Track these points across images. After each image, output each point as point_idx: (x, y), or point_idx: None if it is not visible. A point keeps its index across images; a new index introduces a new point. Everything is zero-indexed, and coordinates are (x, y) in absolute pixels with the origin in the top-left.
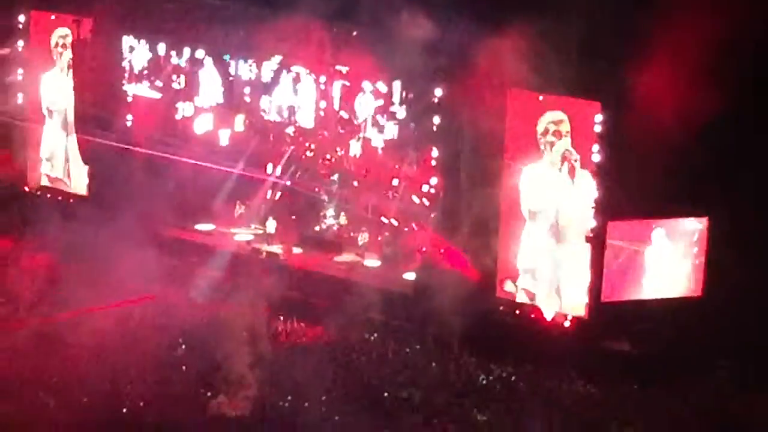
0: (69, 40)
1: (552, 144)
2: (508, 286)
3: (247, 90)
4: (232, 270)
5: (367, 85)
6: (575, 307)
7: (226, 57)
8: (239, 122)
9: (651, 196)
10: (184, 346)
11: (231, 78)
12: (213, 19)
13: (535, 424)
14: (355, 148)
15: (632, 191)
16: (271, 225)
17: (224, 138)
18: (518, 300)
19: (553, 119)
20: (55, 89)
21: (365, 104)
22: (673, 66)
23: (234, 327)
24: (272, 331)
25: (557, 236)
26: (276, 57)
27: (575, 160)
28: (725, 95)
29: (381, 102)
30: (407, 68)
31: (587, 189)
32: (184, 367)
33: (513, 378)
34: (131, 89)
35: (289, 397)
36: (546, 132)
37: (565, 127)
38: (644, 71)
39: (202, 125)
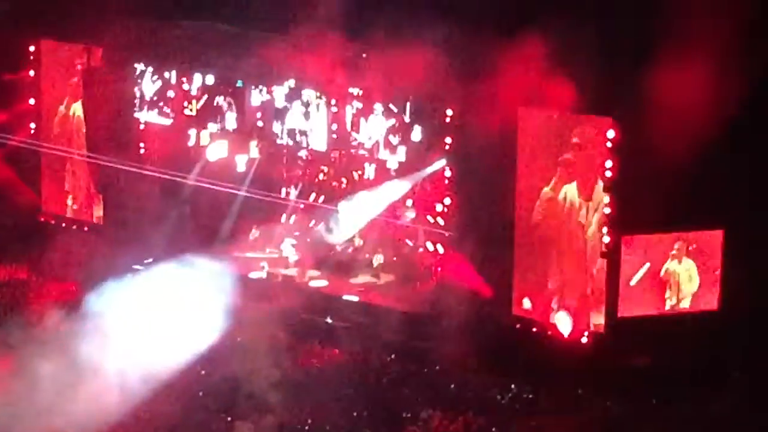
0: (79, 68)
1: (565, 160)
2: (526, 303)
3: (258, 115)
4: (247, 294)
5: (378, 106)
6: (592, 323)
7: (239, 83)
8: (252, 147)
9: (665, 210)
10: (203, 372)
11: (243, 103)
12: (223, 45)
13: None
14: (368, 169)
15: (647, 206)
16: (287, 248)
17: (238, 163)
18: (534, 317)
19: (565, 136)
20: (68, 118)
21: (377, 126)
22: (685, 81)
23: (253, 350)
24: (291, 354)
25: (573, 252)
26: (287, 82)
27: (589, 176)
28: (739, 110)
29: (393, 123)
30: (418, 89)
31: (602, 204)
32: (201, 392)
33: (532, 395)
34: (143, 116)
35: (310, 420)
36: (559, 149)
37: (578, 143)
38: (656, 87)
39: (215, 151)
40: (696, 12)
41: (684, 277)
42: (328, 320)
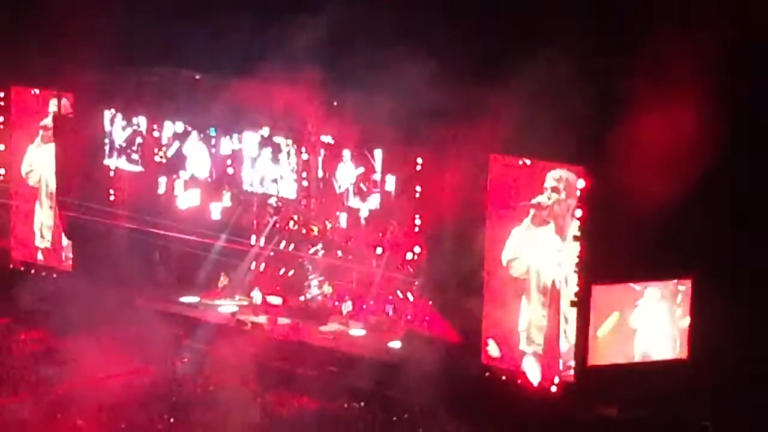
0: (50, 115)
1: (535, 208)
2: (495, 351)
3: (228, 162)
4: (217, 342)
5: (348, 153)
6: (562, 372)
7: (212, 131)
8: (222, 194)
9: (635, 259)
10: (172, 419)
11: (213, 150)
12: (193, 92)
13: None
14: (338, 217)
15: (617, 254)
16: (257, 296)
17: (208, 210)
18: (503, 365)
19: (538, 181)
20: (38, 164)
21: (347, 173)
22: (656, 130)
23: (221, 398)
24: (259, 402)
25: (542, 300)
26: (256, 129)
27: (559, 225)
28: (711, 160)
29: (362, 170)
30: (388, 137)
31: (571, 253)
32: None
33: None
34: (113, 163)
35: None
36: (528, 197)
37: (548, 191)
38: (628, 136)
39: (186, 198)
40: (669, 63)
41: (654, 326)
42: (297, 368)
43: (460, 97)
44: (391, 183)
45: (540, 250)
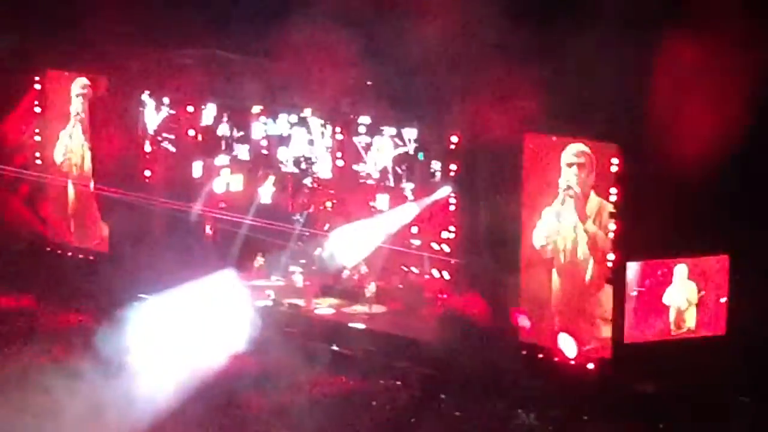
0: (86, 97)
1: (570, 186)
2: (527, 324)
3: (264, 143)
4: (255, 322)
5: (384, 134)
6: (599, 349)
7: (255, 108)
8: (258, 175)
9: (671, 235)
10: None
11: (250, 132)
12: (230, 74)
13: None
14: (373, 197)
15: (652, 231)
16: (294, 276)
17: (244, 191)
18: (540, 343)
19: (570, 161)
20: (74, 146)
21: (382, 153)
22: (691, 105)
23: (258, 379)
24: (296, 382)
25: (578, 277)
26: (293, 110)
27: (594, 202)
28: (744, 133)
29: (399, 150)
30: (423, 116)
31: (607, 230)
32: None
33: (538, 422)
34: (149, 146)
35: None
36: (564, 174)
37: (583, 168)
38: (661, 111)
39: (222, 179)
40: (701, 36)
41: (690, 302)
42: (334, 348)
43: (495, 75)
44: (426, 162)
45: (572, 231)
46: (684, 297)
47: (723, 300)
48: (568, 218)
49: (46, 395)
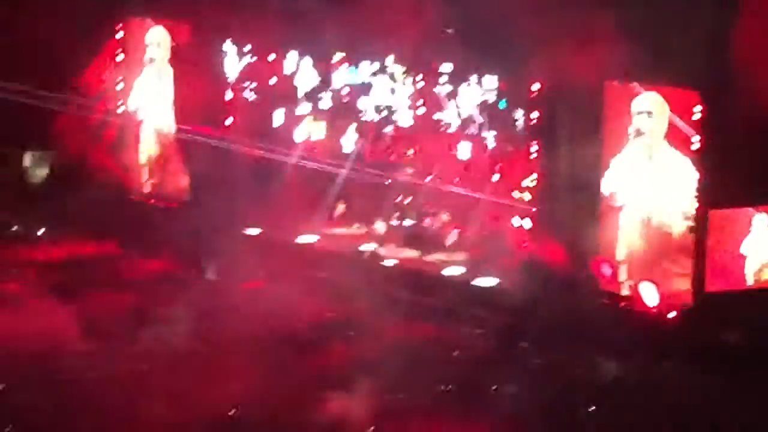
0: (167, 45)
1: (652, 134)
2: (608, 272)
3: (345, 91)
4: (335, 269)
5: (465, 82)
6: (680, 298)
7: (337, 56)
8: (338, 124)
9: (752, 183)
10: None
11: (331, 80)
12: (311, 21)
13: (643, 418)
14: (455, 146)
15: (733, 179)
16: (377, 225)
17: (326, 139)
18: (622, 292)
19: (651, 109)
20: (154, 95)
21: (464, 102)
22: None
23: (341, 326)
24: (377, 329)
25: (659, 226)
26: (375, 57)
27: (676, 150)
28: None
29: (479, 99)
30: (504, 64)
31: (688, 178)
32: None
33: (619, 371)
34: (231, 93)
35: (398, 395)
36: (645, 122)
37: (664, 116)
38: (742, 58)
39: (303, 127)
40: None
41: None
42: (417, 297)
43: (574, 23)
44: (507, 110)
45: (654, 180)
46: (763, 245)
47: None
48: (646, 166)
49: None
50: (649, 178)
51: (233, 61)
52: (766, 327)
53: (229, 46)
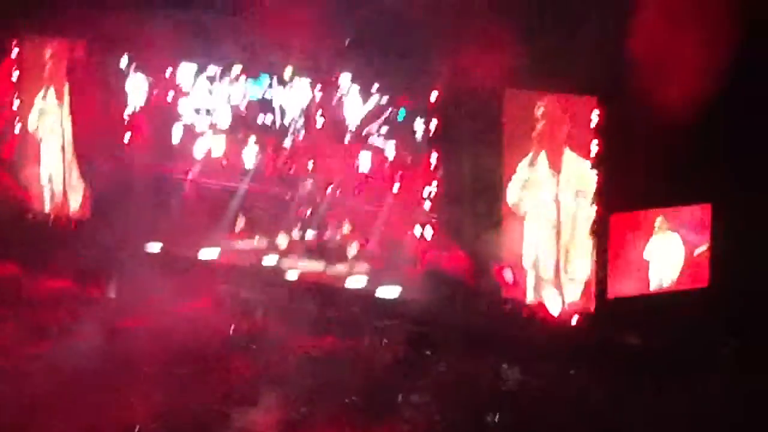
0: (64, 63)
1: (550, 141)
2: (510, 279)
3: (244, 104)
4: (239, 285)
5: (362, 92)
6: (582, 304)
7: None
8: (238, 137)
9: (652, 186)
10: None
11: (231, 95)
12: (211, 36)
13: (548, 424)
14: (354, 156)
15: (633, 183)
16: (279, 238)
17: (226, 155)
18: (525, 299)
19: (550, 117)
20: (53, 112)
21: (363, 112)
22: (669, 55)
23: (242, 341)
24: (280, 344)
25: (560, 232)
26: (273, 69)
27: (575, 156)
28: (724, 83)
29: (378, 109)
30: (402, 73)
31: (588, 183)
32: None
33: (523, 377)
34: (129, 110)
35: (303, 409)
36: (544, 129)
37: (563, 123)
38: (640, 63)
39: (202, 142)
40: None
41: (670, 254)
42: (318, 309)
43: (472, 32)
44: (407, 119)
45: (553, 186)
46: (666, 249)
47: (703, 249)
48: (545, 173)
49: None
50: (552, 184)
51: (131, 77)
52: (669, 331)
53: (126, 62)
